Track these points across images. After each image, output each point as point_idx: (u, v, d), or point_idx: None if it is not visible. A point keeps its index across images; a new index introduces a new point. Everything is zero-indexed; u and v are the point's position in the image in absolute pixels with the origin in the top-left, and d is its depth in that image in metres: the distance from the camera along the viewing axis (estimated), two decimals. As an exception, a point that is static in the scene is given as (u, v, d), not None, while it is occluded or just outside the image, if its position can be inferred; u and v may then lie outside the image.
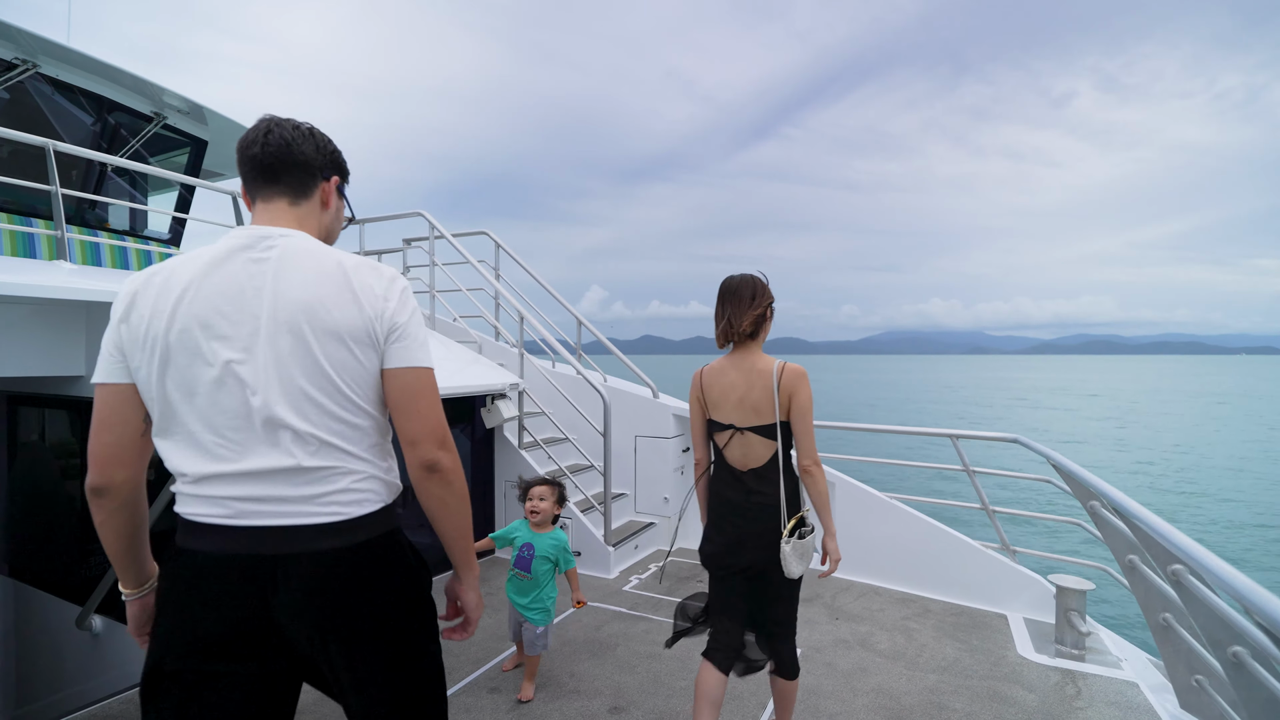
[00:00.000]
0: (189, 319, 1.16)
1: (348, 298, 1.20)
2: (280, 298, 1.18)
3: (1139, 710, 2.83)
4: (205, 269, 1.19)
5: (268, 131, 1.28)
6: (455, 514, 1.32)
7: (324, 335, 1.18)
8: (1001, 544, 4.21)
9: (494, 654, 3.28)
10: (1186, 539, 2.01)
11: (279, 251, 1.21)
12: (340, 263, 1.23)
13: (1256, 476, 20.51)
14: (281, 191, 1.30)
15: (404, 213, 5.95)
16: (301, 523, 1.17)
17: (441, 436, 1.27)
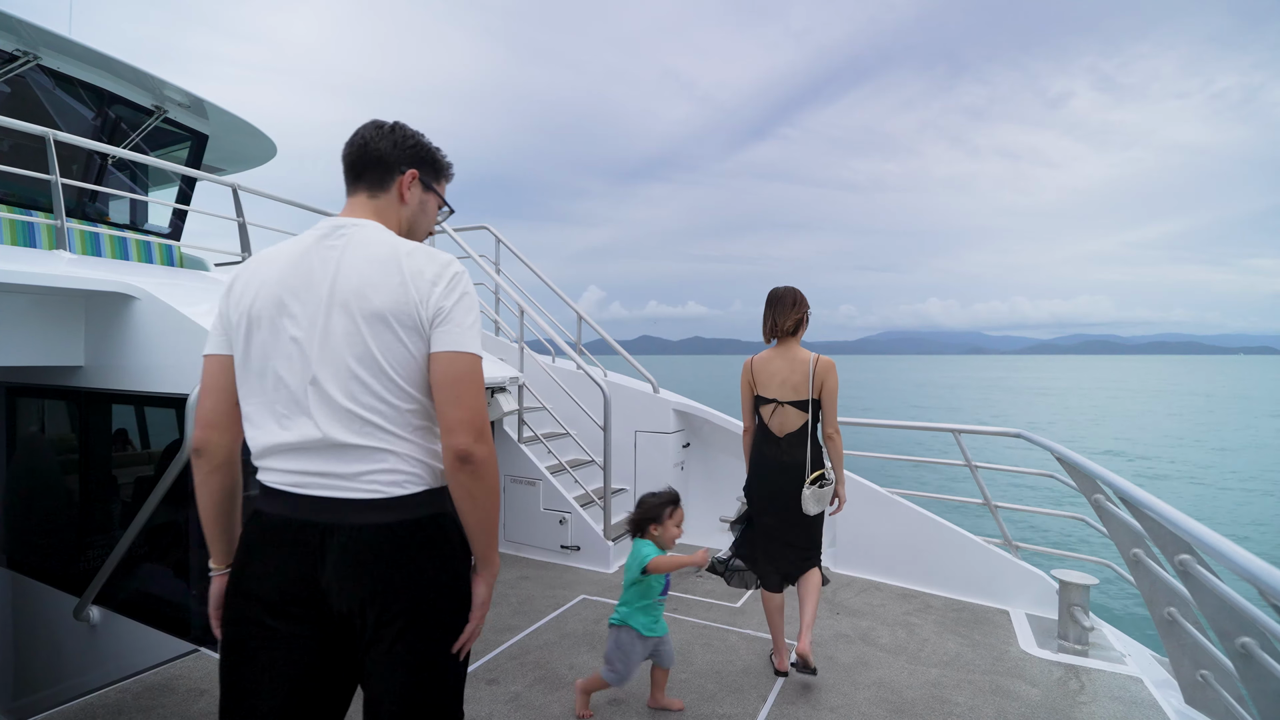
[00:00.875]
0: (269, 298, 1.27)
1: (395, 282, 1.25)
2: (338, 281, 1.25)
3: (1143, 706, 2.80)
4: (290, 253, 1.30)
5: (355, 134, 1.41)
6: (481, 508, 1.30)
7: (371, 318, 1.23)
8: (1004, 539, 4.18)
9: (493, 646, 3.26)
10: (1197, 524, 1.99)
11: (346, 239, 1.30)
12: (396, 249, 1.28)
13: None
14: (362, 187, 1.40)
15: (404, 207, 5.96)
16: (345, 496, 1.23)
17: (479, 427, 1.25)
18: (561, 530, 4.66)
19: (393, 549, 1.23)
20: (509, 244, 5.95)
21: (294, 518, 1.24)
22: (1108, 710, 2.77)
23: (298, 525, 1.24)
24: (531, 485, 4.79)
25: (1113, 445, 27.93)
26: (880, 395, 65.89)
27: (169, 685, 2.85)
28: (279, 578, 1.24)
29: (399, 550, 1.24)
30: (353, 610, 1.23)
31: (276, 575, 1.24)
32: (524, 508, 4.84)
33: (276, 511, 1.26)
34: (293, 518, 1.24)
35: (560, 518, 4.66)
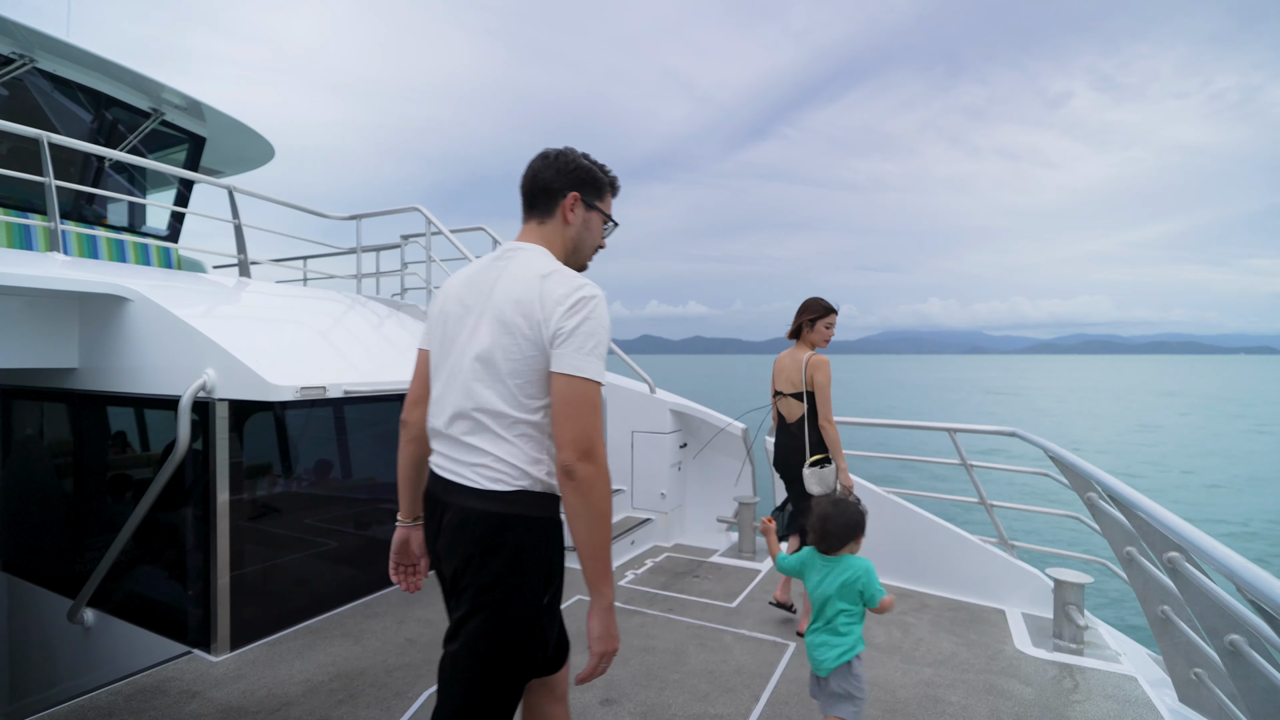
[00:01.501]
0: (452, 304, 1.52)
1: (532, 301, 1.38)
2: (493, 297, 1.44)
3: (1137, 704, 2.80)
4: (473, 268, 1.55)
5: (528, 166, 1.58)
6: (584, 526, 1.34)
7: (508, 331, 1.39)
8: (999, 538, 4.18)
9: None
10: (1184, 523, 1.99)
11: (508, 261, 1.49)
12: (542, 273, 1.42)
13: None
14: (533, 214, 1.58)
15: (401, 208, 5.95)
16: (457, 481, 1.43)
17: (585, 447, 1.32)
18: (558, 531, 4.66)
19: (479, 532, 1.38)
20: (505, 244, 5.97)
21: (432, 492, 1.51)
22: (1102, 709, 2.77)
23: (433, 497, 1.51)
24: None
25: (1135, 452, 27.23)
26: (880, 395, 65.85)
27: (161, 687, 2.85)
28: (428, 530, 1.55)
29: (484, 534, 1.38)
30: (449, 568, 1.45)
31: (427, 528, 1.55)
32: None
33: (429, 485, 1.55)
34: (432, 492, 1.52)
35: None
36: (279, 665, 3.05)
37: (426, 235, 5.72)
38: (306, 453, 3.93)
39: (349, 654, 3.18)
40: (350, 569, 3.96)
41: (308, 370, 3.36)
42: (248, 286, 4.90)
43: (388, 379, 3.83)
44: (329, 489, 4.02)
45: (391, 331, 4.99)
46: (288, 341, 3.83)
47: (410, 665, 3.06)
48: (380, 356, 4.33)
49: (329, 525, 3.93)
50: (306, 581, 3.70)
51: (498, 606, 1.39)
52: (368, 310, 5.33)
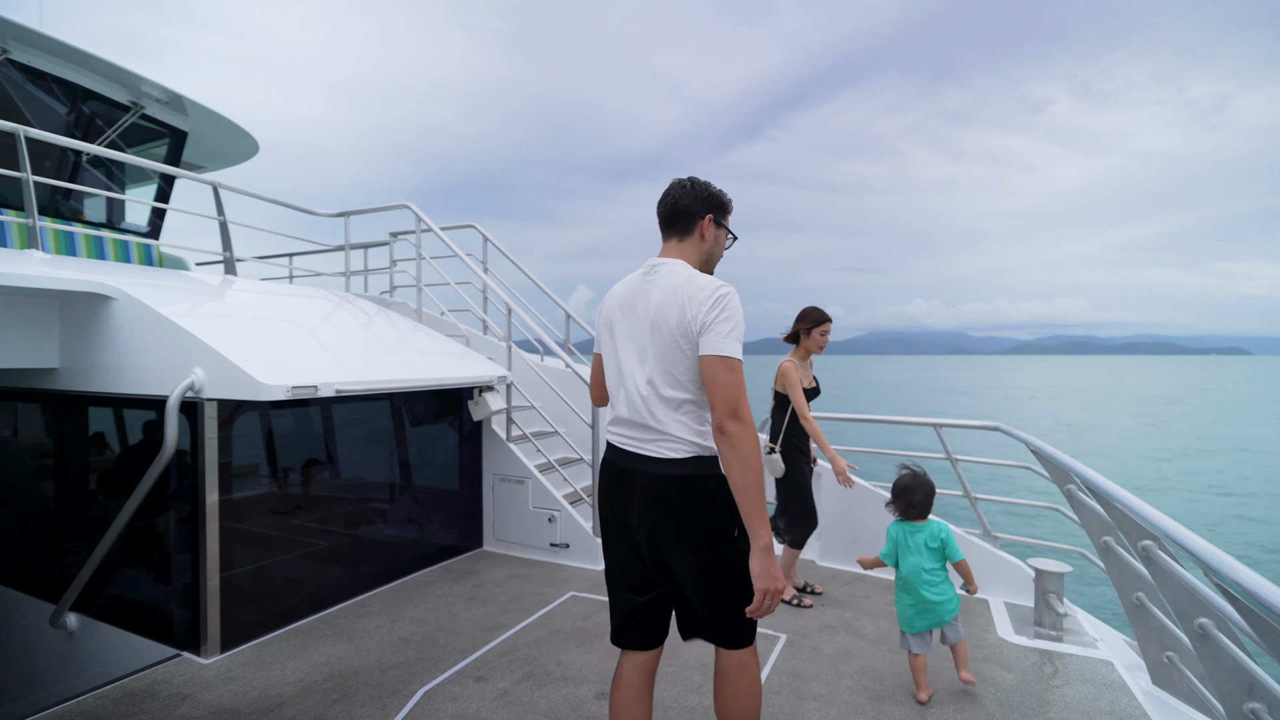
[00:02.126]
0: (613, 313, 1.92)
1: (680, 305, 1.75)
2: (648, 305, 1.82)
3: (1113, 688, 2.90)
4: (627, 282, 1.94)
5: (666, 193, 1.96)
6: (737, 472, 1.68)
7: (665, 332, 1.77)
8: (983, 530, 4.28)
9: (481, 644, 3.28)
10: (1156, 513, 2.07)
11: (657, 275, 1.85)
12: (683, 280, 1.79)
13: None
14: (673, 234, 1.96)
15: (390, 205, 5.91)
16: (643, 453, 1.82)
17: (733, 408, 1.67)
18: (551, 528, 4.68)
19: (665, 491, 1.78)
20: (496, 243, 5.95)
21: (618, 464, 1.89)
22: (1079, 692, 2.86)
23: (618, 468, 1.88)
24: (520, 484, 4.81)
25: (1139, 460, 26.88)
26: (868, 395, 66.55)
27: (150, 691, 2.84)
28: (609, 502, 1.91)
29: (668, 493, 1.78)
30: (643, 527, 1.81)
31: (608, 500, 1.92)
32: (513, 506, 4.86)
33: (610, 458, 1.94)
34: (617, 464, 1.89)
35: (550, 516, 4.68)
36: (271, 666, 3.05)
37: (416, 233, 5.69)
38: (296, 452, 3.91)
39: (342, 653, 3.18)
40: (342, 569, 3.95)
41: (298, 369, 3.34)
42: (233, 284, 4.84)
43: (378, 377, 3.82)
44: (319, 489, 4.00)
45: (381, 329, 4.97)
46: (276, 340, 3.81)
47: (404, 663, 3.08)
48: (370, 355, 4.31)
49: (320, 525, 3.92)
50: (298, 582, 3.69)
51: (710, 540, 1.79)
52: (356, 308, 5.30)
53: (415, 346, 4.84)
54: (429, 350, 4.87)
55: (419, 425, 4.70)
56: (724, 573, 1.79)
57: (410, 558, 4.42)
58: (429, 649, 3.24)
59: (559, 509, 4.63)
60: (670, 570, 1.81)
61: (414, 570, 4.38)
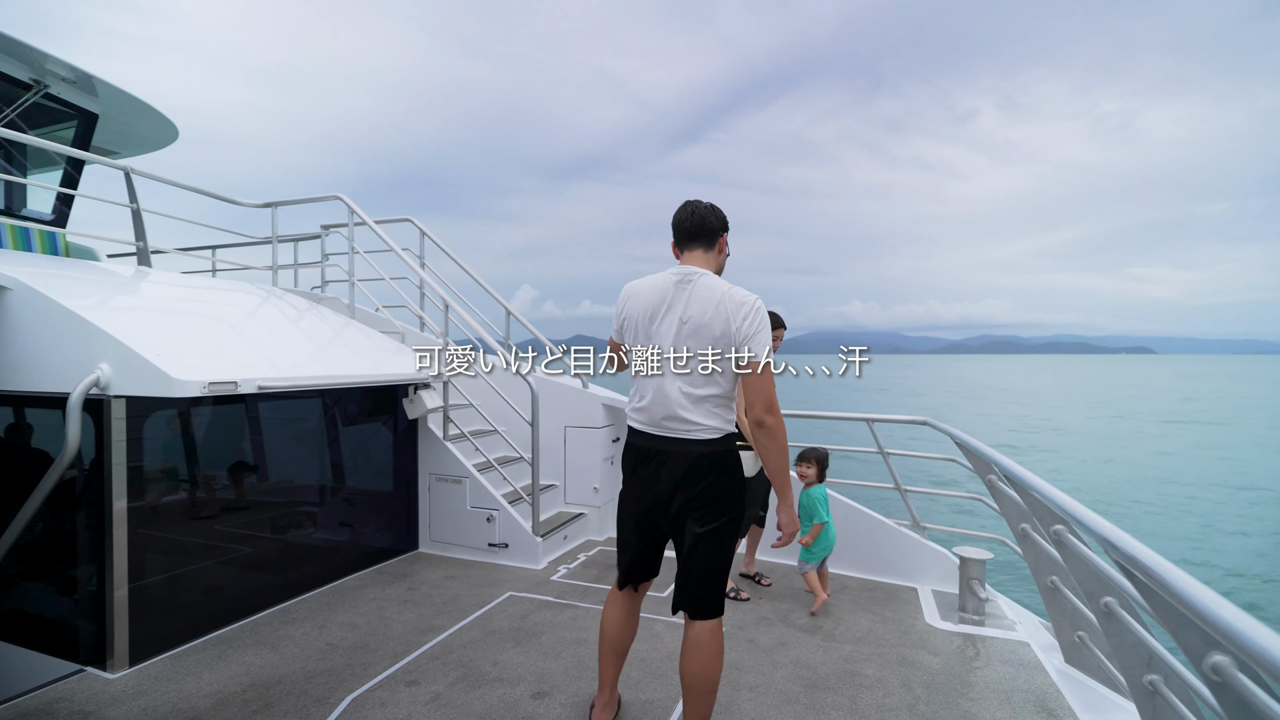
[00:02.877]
0: (651, 310, 2.18)
1: (722, 317, 2.07)
2: (686, 311, 2.11)
3: (1029, 667, 3.05)
4: (659, 287, 2.19)
5: (692, 212, 2.26)
6: (773, 456, 2.12)
7: (707, 338, 2.08)
8: (913, 521, 4.44)
9: (414, 647, 3.18)
10: (1066, 497, 2.19)
11: (693, 284, 2.14)
12: (724, 293, 2.10)
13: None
14: (698, 246, 2.27)
15: (320, 196, 5.67)
16: (676, 436, 2.15)
17: (768, 404, 2.05)
18: (489, 528, 4.59)
19: (695, 465, 2.12)
20: (434, 237, 5.80)
21: (647, 446, 2.21)
22: (999, 673, 3.00)
23: (649, 450, 2.21)
24: (458, 483, 4.70)
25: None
26: (805, 393, 68.25)
27: (47, 710, 2.62)
28: (642, 477, 2.23)
29: (699, 466, 2.12)
30: (675, 492, 2.14)
31: (641, 476, 2.24)
32: (450, 506, 4.74)
33: (636, 442, 2.26)
34: (646, 446, 2.21)
35: (488, 515, 4.59)
36: (185, 679, 2.87)
37: (349, 226, 5.49)
38: (219, 454, 3.71)
39: (264, 662, 3.03)
40: (267, 574, 3.77)
41: (217, 365, 3.17)
42: (148, 276, 4.55)
43: (307, 374, 3.66)
44: (244, 491, 3.80)
45: (312, 325, 4.77)
46: (194, 334, 3.60)
47: (332, 670, 2.95)
48: (299, 351, 4.13)
49: (244, 530, 3.73)
50: (218, 589, 3.50)
51: (722, 505, 2.16)
52: (285, 303, 5.07)
53: (347, 343, 4.67)
54: (362, 347, 4.70)
55: (351, 424, 4.53)
56: (712, 538, 2.14)
57: (341, 561, 4.25)
58: (358, 654, 3.12)
59: (498, 508, 4.55)
60: (681, 534, 2.19)
61: (345, 574, 4.21)
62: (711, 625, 2.17)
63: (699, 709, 2.16)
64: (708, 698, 2.16)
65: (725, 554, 2.19)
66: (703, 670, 2.14)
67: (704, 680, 2.14)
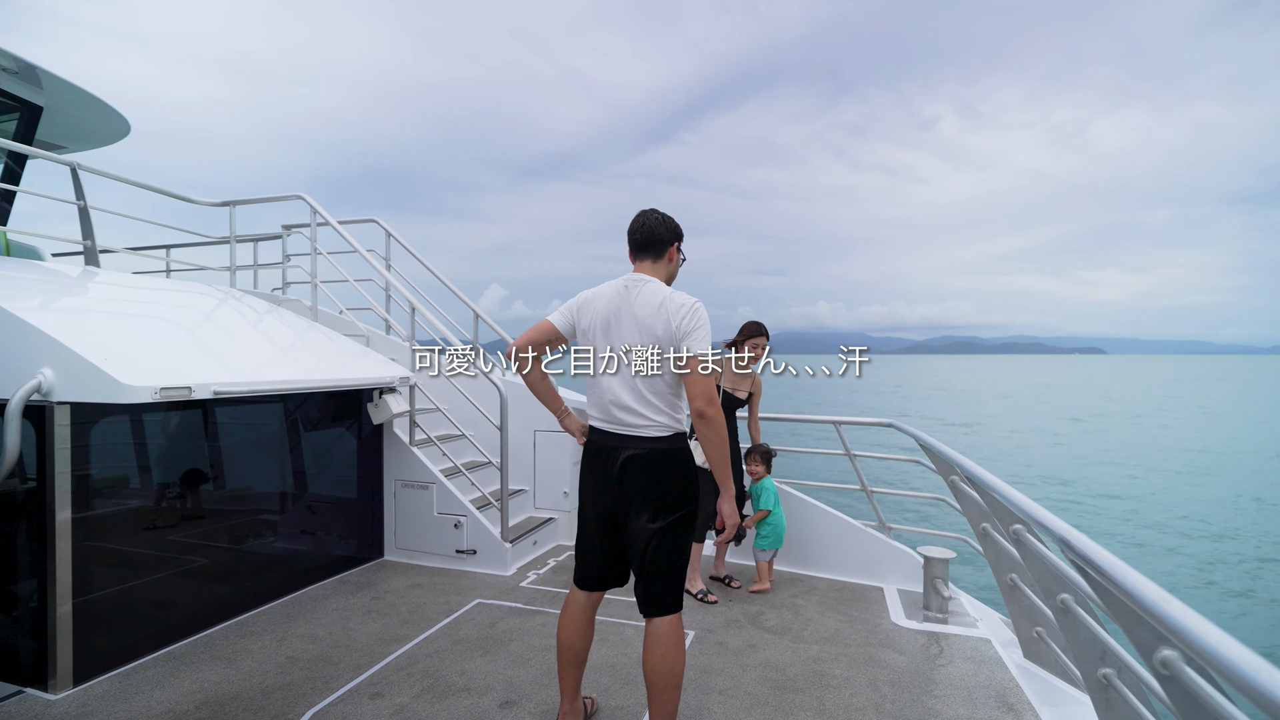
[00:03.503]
0: (603, 317, 2.27)
1: (663, 318, 2.18)
2: (634, 316, 2.22)
3: (990, 663, 3.13)
4: (611, 292, 2.29)
5: (643, 223, 2.34)
6: (713, 447, 2.18)
7: (651, 339, 2.19)
8: (879, 522, 4.52)
9: (378, 659, 3.11)
10: (1025, 499, 2.25)
11: (640, 290, 2.25)
12: (665, 296, 2.21)
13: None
14: (648, 255, 2.36)
15: (282, 195, 5.51)
16: (631, 434, 2.23)
17: (707, 397, 2.13)
18: (457, 534, 4.52)
19: (647, 461, 2.21)
20: (399, 238, 5.70)
21: (605, 443, 2.28)
22: (961, 670, 3.07)
23: (605, 448, 2.28)
24: (424, 489, 4.61)
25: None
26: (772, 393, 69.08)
27: None
28: (597, 474, 2.30)
29: (650, 462, 2.21)
30: (628, 488, 2.22)
31: (596, 472, 2.30)
32: (416, 513, 4.65)
33: (595, 439, 2.33)
34: (604, 443, 2.29)
35: (455, 521, 4.52)
36: (135, 697, 2.75)
37: (311, 226, 5.35)
38: (174, 462, 3.57)
39: (220, 678, 2.92)
40: (224, 586, 3.63)
41: (170, 369, 3.05)
42: (96, 276, 4.37)
43: (266, 378, 3.55)
44: (199, 500, 3.66)
45: (272, 328, 4.63)
46: (145, 337, 3.46)
47: (292, 684, 2.86)
48: (258, 355, 4.00)
49: (199, 541, 3.59)
50: (171, 603, 3.36)
51: (673, 500, 2.23)
52: (244, 305, 4.91)
53: (309, 346, 4.54)
54: (325, 350, 4.58)
55: (314, 430, 4.41)
56: (661, 534, 2.21)
57: (302, 571, 4.13)
58: (320, 667, 3.03)
59: (465, 514, 4.48)
60: (632, 533, 2.24)
61: (306, 584, 4.10)
62: (670, 619, 2.22)
63: (663, 706, 2.17)
64: (670, 693, 2.17)
65: (680, 550, 2.26)
66: (663, 664, 2.17)
67: (665, 675, 2.16)
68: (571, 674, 2.42)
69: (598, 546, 2.37)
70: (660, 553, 2.21)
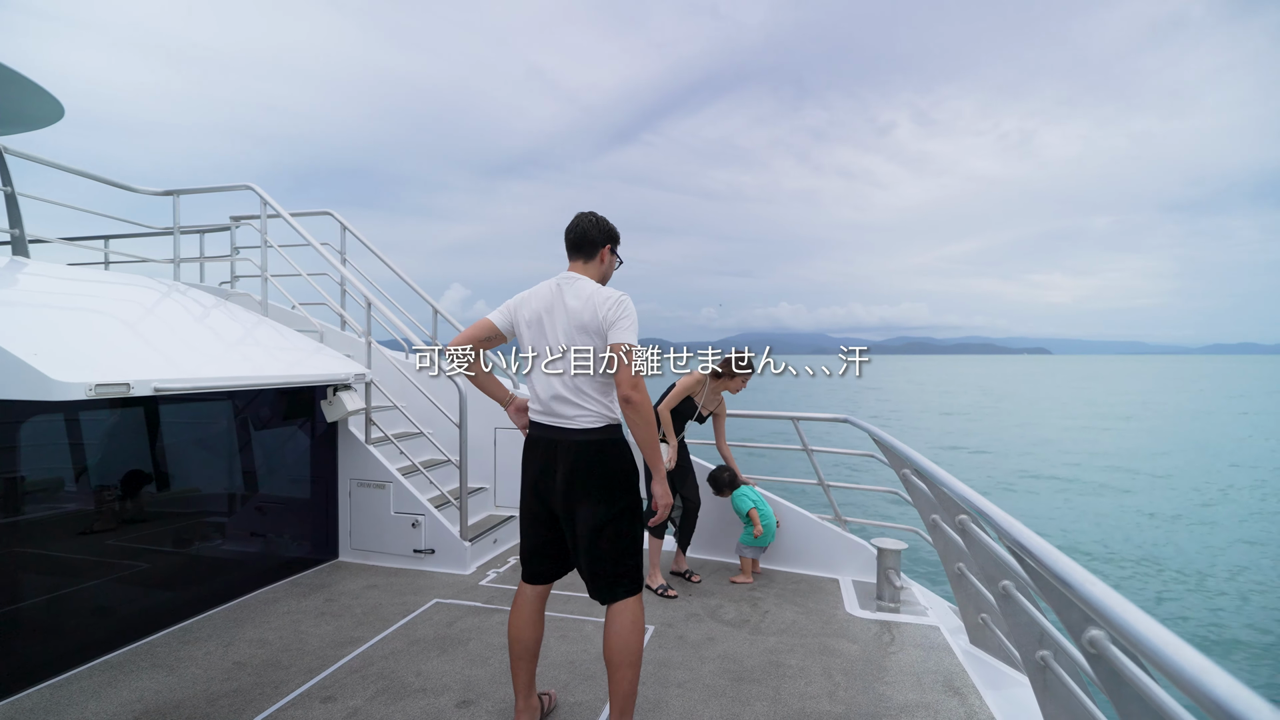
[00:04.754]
0: (538, 313, 2.34)
1: (590, 309, 2.25)
2: (566, 311, 2.28)
3: (938, 650, 3.24)
4: (545, 290, 2.36)
5: (576, 225, 2.42)
6: (641, 430, 2.23)
7: (581, 331, 2.25)
8: (835, 515, 4.62)
9: (331, 662, 3.03)
10: (969, 491, 2.33)
11: (572, 287, 2.32)
12: (591, 291, 2.28)
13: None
14: (580, 256, 2.43)
15: (229, 185, 5.31)
16: (567, 425, 2.28)
17: (633, 382, 2.19)
18: (414, 534, 4.44)
19: (584, 452, 2.26)
20: (356, 232, 5.56)
21: (543, 436, 2.33)
22: (911, 656, 3.17)
23: (545, 440, 2.32)
24: (380, 488, 4.52)
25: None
26: (740, 391, 69.84)
27: None
28: (536, 466, 2.34)
29: (587, 453, 2.26)
30: (567, 481, 2.25)
31: (535, 465, 2.34)
32: (372, 513, 4.55)
33: (534, 433, 2.38)
34: (543, 436, 2.34)
35: (413, 521, 4.44)
36: (67, 709, 2.62)
37: (262, 217, 5.17)
38: (114, 463, 3.41)
39: (161, 686, 2.81)
40: (166, 591, 3.49)
41: (106, 365, 2.91)
42: (25, 267, 4.14)
43: (212, 375, 3.43)
44: (143, 503, 3.51)
45: (219, 323, 4.46)
46: (80, 332, 3.29)
47: (239, 690, 2.77)
48: (205, 350, 3.85)
49: (140, 545, 3.44)
50: (108, 610, 3.22)
51: (613, 490, 2.28)
52: (189, 299, 4.72)
53: (259, 342, 4.40)
54: (276, 346, 4.44)
55: (264, 428, 4.27)
56: (608, 524, 2.25)
57: (252, 574, 4.00)
58: (269, 672, 2.94)
59: (424, 513, 4.41)
60: (574, 523, 2.29)
61: (256, 587, 3.97)
62: (629, 601, 2.27)
63: (619, 684, 2.20)
64: (625, 670, 2.20)
65: (632, 535, 2.31)
66: (619, 640, 2.22)
67: (621, 652, 2.20)
68: (524, 668, 2.42)
69: (540, 539, 2.40)
70: (611, 541, 2.25)
